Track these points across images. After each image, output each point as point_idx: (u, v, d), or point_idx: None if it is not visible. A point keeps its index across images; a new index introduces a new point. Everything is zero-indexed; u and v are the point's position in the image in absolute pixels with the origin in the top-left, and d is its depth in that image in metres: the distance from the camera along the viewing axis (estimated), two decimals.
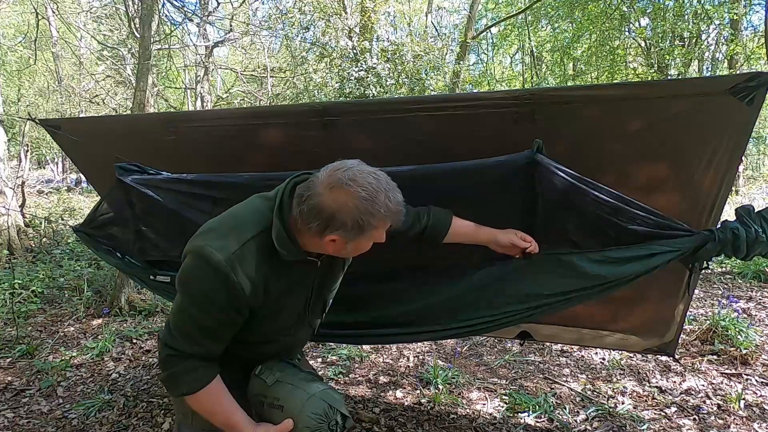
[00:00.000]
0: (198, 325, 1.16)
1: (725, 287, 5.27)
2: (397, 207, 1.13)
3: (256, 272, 1.14)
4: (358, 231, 1.11)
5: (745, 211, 1.43)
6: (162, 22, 6.89)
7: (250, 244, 1.15)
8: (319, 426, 1.18)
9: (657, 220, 1.45)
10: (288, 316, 1.29)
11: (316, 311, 1.37)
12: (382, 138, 1.91)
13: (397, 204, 1.13)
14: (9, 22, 15.82)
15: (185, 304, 1.16)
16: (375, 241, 1.18)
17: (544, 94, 1.69)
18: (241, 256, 1.13)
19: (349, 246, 1.16)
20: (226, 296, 1.13)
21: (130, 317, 4.54)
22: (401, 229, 1.39)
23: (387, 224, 1.15)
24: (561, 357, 3.62)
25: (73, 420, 2.79)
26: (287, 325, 1.30)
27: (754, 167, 23.11)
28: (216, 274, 1.11)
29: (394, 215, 1.13)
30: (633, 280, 1.50)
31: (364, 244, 1.18)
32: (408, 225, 1.47)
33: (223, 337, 1.20)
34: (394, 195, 1.13)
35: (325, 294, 1.38)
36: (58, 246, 7.16)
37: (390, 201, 1.11)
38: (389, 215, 1.12)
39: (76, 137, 2.45)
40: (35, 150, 19.53)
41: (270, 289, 1.19)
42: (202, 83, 12.97)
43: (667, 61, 12.31)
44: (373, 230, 1.13)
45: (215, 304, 1.13)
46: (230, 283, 1.11)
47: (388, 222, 1.14)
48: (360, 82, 8.54)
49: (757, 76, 1.33)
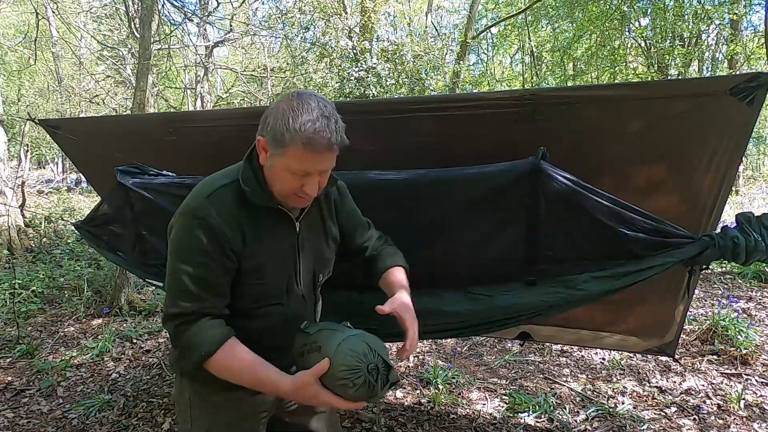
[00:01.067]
0: (192, 278, 1.14)
1: (725, 287, 5.27)
2: (316, 134, 1.07)
3: (229, 214, 1.17)
4: (275, 142, 1.11)
5: (746, 219, 1.43)
6: (162, 22, 6.89)
7: (222, 190, 1.18)
8: (357, 366, 1.07)
9: (657, 225, 1.46)
10: (274, 279, 1.25)
11: (308, 282, 1.34)
12: (382, 138, 1.91)
13: (318, 131, 1.07)
14: (9, 22, 15.82)
15: (175, 265, 1.16)
16: (292, 170, 1.12)
17: (544, 94, 1.68)
18: (214, 200, 1.16)
19: (270, 161, 1.15)
20: (209, 239, 1.14)
21: (130, 317, 4.54)
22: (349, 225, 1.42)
23: (301, 150, 1.09)
24: (561, 357, 3.62)
25: (73, 420, 2.79)
26: (276, 291, 1.25)
27: (754, 167, 23.12)
28: (194, 220, 1.14)
29: (307, 138, 1.07)
30: (632, 286, 1.51)
31: (282, 167, 1.13)
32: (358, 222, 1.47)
33: (222, 287, 1.18)
34: (323, 124, 1.08)
35: (313, 265, 1.34)
36: (58, 246, 7.16)
37: (313, 127, 1.07)
38: (302, 137, 1.07)
39: (75, 137, 2.44)
40: (35, 150, 19.54)
41: (246, 235, 1.18)
42: (202, 83, 12.97)
43: (667, 61, 12.31)
44: (287, 150, 1.09)
45: (201, 251, 1.14)
46: (209, 225, 1.14)
47: (300, 145, 1.08)
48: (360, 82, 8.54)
49: (758, 77, 1.33)
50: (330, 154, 1.14)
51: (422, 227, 1.73)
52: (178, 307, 1.15)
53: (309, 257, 1.32)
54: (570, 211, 1.53)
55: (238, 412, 1.32)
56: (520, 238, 1.66)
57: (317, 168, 1.14)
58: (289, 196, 1.19)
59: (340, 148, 1.15)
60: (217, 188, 1.19)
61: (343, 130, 1.14)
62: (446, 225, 1.73)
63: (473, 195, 1.65)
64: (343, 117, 1.17)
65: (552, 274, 1.62)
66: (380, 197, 1.70)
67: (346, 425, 2.67)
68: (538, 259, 1.65)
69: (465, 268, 1.75)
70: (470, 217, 1.67)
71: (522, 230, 1.65)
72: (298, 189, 1.16)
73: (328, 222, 1.39)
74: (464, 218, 1.69)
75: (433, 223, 1.73)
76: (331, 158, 1.16)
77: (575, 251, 1.60)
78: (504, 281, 1.67)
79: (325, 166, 1.16)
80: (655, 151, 1.63)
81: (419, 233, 1.73)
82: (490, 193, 1.63)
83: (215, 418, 1.31)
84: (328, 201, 1.40)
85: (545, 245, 1.63)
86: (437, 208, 1.70)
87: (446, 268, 1.77)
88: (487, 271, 1.71)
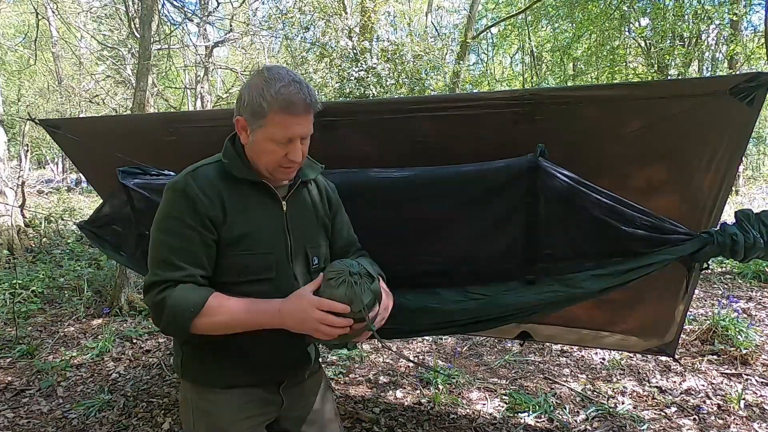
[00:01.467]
0: (171, 248, 1.17)
1: (725, 287, 5.27)
2: (291, 96, 1.14)
3: (209, 185, 1.20)
4: (253, 116, 1.18)
5: (745, 216, 1.43)
6: (162, 22, 6.89)
7: (205, 167, 1.25)
8: (340, 269, 1.16)
9: (656, 222, 1.46)
10: (262, 252, 1.24)
11: (301, 263, 1.32)
12: (381, 139, 1.91)
13: (293, 94, 1.15)
14: (9, 22, 15.83)
15: (155, 235, 1.20)
16: (275, 138, 1.17)
17: (544, 94, 1.68)
18: (195, 174, 1.21)
19: (252, 136, 1.21)
20: (186, 207, 1.17)
21: (130, 317, 4.54)
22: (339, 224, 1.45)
23: (280, 116, 1.15)
24: (561, 357, 3.62)
25: (73, 420, 2.79)
26: (264, 264, 1.24)
27: (754, 167, 23.12)
28: (175, 192, 1.19)
29: (284, 102, 1.14)
30: (630, 283, 1.51)
31: (265, 138, 1.18)
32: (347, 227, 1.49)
33: (200, 258, 1.18)
34: (297, 88, 1.15)
35: (305, 245, 1.33)
36: (58, 246, 7.17)
37: (287, 91, 1.14)
38: (279, 102, 1.14)
39: (75, 137, 2.45)
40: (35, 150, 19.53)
41: (227, 205, 1.21)
42: (202, 83, 12.98)
43: (667, 61, 12.32)
44: (267, 118, 1.16)
45: (179, 219, 1.17)
46: (188, 195, 1.17)
47: (278, 110, 1.15)
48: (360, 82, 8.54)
49: (758, 77, 1.33)
50: (307, 116, 1.20)
51: (421, 225, 1.73)
52: (157, 276, 1.17)
53: (300, 237, 1.32)
54: (569, 209, 1.52)
55: (240, 412, 1.31)
56: (519, 236, 1.65)
57: (298, 132, 1.19)
58: (276, 169, 1.23)
59: (315, 111, 1.21)
60: (199, 166, 1.26)
61: (316, 93, 1.21)
62: (445, 223, 1.72)
63: (472, 192, 1.64)
64: (344, 117, 1.18)
65: (551, 272, 1.62)
66: (379, 195, 1.71)
67: (346, 425, 2.67)
68: (537, 258, 1.65)
69: (464, 266, 1.74)
70: (469, 214, 1.67)
71: (521, 228, 1.64)
72: (284, 159, 1.21)
73: (320, 210, 1.41)
74: (463, 216, 1.68)
75: (431, 221, 1.72)
76: (308, 121, 1.21)
77: (575, 249, 1.59)
78: (503, 280, 1.67)
79: (305, 130, 1.21)
80: (655, 151, 1.63)
81: (418, 231, 1.73)
82: (488, 191, 1.63)
83: (217, 419, 1.31)
84: (320, 192, 1.43)
85: (544, 243, 1.62)
86: (436, 206, 1.69)
87: (445, 267, 1.76)
88: (486, 270, 1.70)
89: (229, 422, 1.30)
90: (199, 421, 1.32)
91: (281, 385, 1.36)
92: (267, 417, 1.37)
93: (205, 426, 1.32)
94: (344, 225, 1.49)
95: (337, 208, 1.47)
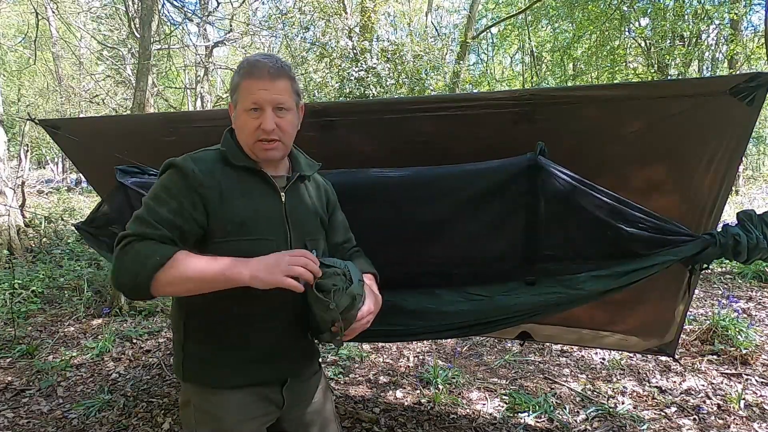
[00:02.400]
0: (152, 211, 1.16)
1: (725, 287, 5.27)
2: (255, 61, 1.22)
3: (208, 169, 1.22)
4: (231, 92, 1.27)
5: (747, 216, 1.42)
6: (162, 22, 6.89)
7: (205, 152, 1.28)
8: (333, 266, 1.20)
9: (658, 223, 1.45)
10: (262, 238, 1.24)
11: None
12: (381, 139, 1.91)
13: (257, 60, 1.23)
14: (9, 22, 15.82)
15: (143, 203, 1.20)
16: (246, 107, 1.22)
17: (544, 94, 1.69)
18: (195, 156, 1.25)
19: (234, 114, 1.28)
20: (179, 181, 1.19)
21: (130, 317, 4.54)
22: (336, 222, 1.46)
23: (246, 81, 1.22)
24: (561, 357, 3.62)
25: (73, 420, 2.79)
26: (264, 252, 1.20)
27: (754, 167, 23.12)
28: (171, 167, 1.22)
29: (248, 66, 1.22)
30: (631, 284, 1.50)
31: (240, 110, 1.24)
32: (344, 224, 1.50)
33: (179, 228, 1.17)
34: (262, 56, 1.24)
35: (304, 237, 1.33)
36: (58, 246, 7.16)
37: (253, 59, 1.23)
38: (244, 68, 1.23)
39: (75, 137, 2.45)
40: (35, 150, 19.53)
41: (224, 190, 1.22)
42: (202, 83, 12.97)
43: (667, 61, 12.31)
44: (237, 90, 1.24)
45: (168, 190, 1.19)
46: (183, 169, 1.19)
47: (244, 76, 1.22)
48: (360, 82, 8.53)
49: (758, 77, 1.33)
50: (273, 82, 1.21)
51: (420, 225, 1.72)
52: (130, 230, 1.14)
53: (299, 228, 1.32)
54: (570, 209, 1.52)
55: (245, 413, 1.31)
56: (519, 236, 1.65)
57: (264, 96, 1.20)
58: (255, 145, 1.25)
59: (284, 78, 1.23)
60: (200, 151, 1.29)
61: (289, 66, 1.27)
62: (444, 223, 1.72)
63: (471, 192, 1.64)
64: (344, 117, 1.18)
65: (551, 273, 1.61)
66: (379, 195, 1.71)
67: (346, 425, 2.67)
68: (537, 258, 1.64)
69: (463, 267, 1.74)
70: (468, 214, 1.66)
71: (521, 228, 1.64)
72: (258, 131, 1.22)
73: (318, 206, 1.41)
74: (462, 216, 1.68)
75: (431, 222, 1.72)
76: (276, 88, 1.22)
77: (575, 250, 1.58)
78: (503, 281, 1.67)
79: (273, 96, 1.21)
80: (656, 151, 1.62)
81: (417, 231, 1.73)
82: (488, 190, 1.62)
83: (221, 421, 1.29)
84: (318, 189, 1.44)
85: (545, 244, 1.62)
86: (435, 206, 1.69)
87: (444, 268, 1.76)
88: (486, 271, 1.70)
89: (235, 423, 1.29)
90: (202, 423, 1.31)
91: (284, 385, 1.36)
92: (270, 417, 1.36)
93: (209, 428, 1.30)
94: (341, 223, 1.49)
95: (334, 205, 1.48)
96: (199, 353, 1.30)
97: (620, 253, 1.49)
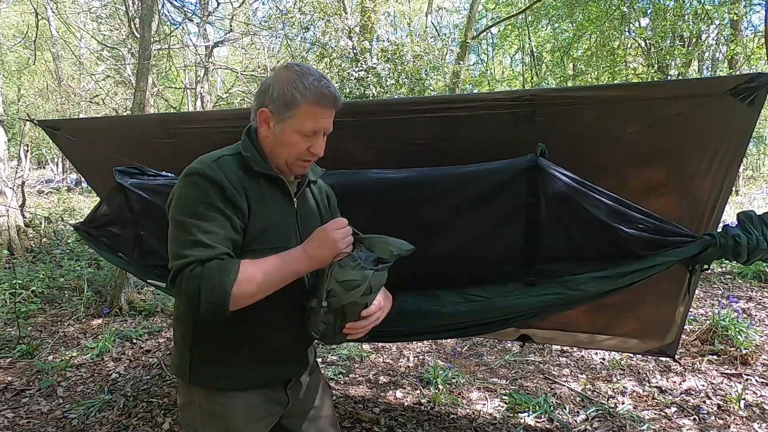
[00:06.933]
0: (202, 230, 1.12)
1: (725, 287, 5.27)
2: (323, 89, 1.20)
3: (235, 176, 1.20)
4: (284, 106, 1.19)
5: (747, 217, 1.42)
6: (162, 22, 6.89)
7: (227, 157, 1.23)
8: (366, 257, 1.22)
9: (658, 224, 1.45)
10: (279, 247, 1.23)
11: None
12: (381, 139, 1.90)
13: (324, 87, 1.20)
14: (9, 22, 15.82)
15: (182, 219, 1.14)
16: (302, 130, 1.20)
17: (544, 94, 1.68)
18: (221, 164, 1.20)
19: (277, 127, 1.22)
20: (217, 193, 1.15)
21: (130, 317, 4.54)
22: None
23: (311, 107, 1.19)
24: (561, 357, 3.62)
25: (73, 420, 2.79)
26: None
27: (754, 167, 23.12)
28: (203, 178, 1.15)
29: (317, 93, 1.19)
30: (632, 285, 1.50)
31: (292, 129, 1.21)
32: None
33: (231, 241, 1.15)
34: (326, 83, 1.21)
35: None
36: (58, 246, 7.16)
37: (319, 84, 1.19)
38: (312, 93, 1.19)
39: (74, 138, 2.44)
40: (35, 150, 19.54)
41: (250, 199, 1.20)
42: (202, 83, 12.95)
43: (667, 61, 12.31)
44: (297, 109, 1.19)
45: (209, 204, 1.14)
46: (219, 182, 1.15)
47: (311, 102, 1.19)
48: (360, 82, 8.52)
49: (758, 77, 1.33)
50: (332, 111, 1.25)
51: (420, 226, 1.72)
52: (189, 257, 1.09)
53: (306, 234, 1.31)
54: (570, 210, 1.51)
55: (252, 414, 1.31)
56: (519, 237, 1.64)
57: (324, 125, 1.23)
58: (295, 162, 1.25)
59: (337, 109, 1.26)
60: (221, 155, 1.23)
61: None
62: (444, 224, 1.72)
63: (471, 193, 1.64)
64: (343, 117, 1.19)
65: (551, 274, 1.61)
66: (379, 196, 1.71)
67: (347, 425, 2.67)
68: (537, 259, 1.64)
69: (463, 268, 1.74)
70: (468, 215, 1.66)
71: (521, 229, 1.63)
72: (305, 152, 1.23)
73: (322, 210, 1.43)
74: (462, 217, 1.68)
75: (431, 223, 1.72)
76: (332, 116, 1.26)
77: (575, 251, 1.58)
78: (503, 281, 1.66)
79: (329, 125, 1.26)
80: (656, 151, 1.62)
81: (417, 232, 1.72)
82: (488, 192, 1.62)
83: (229, 422, 1.29)
84: (321, 192, 1.46)
85: (545, 245, 1.61)
86: (435, 207, 1.69)
87: (444, 269, 1.76)
88: (486, 272, 1.70)
89: (243, 424, 1.29)
90: (208, 425, 1.30)
91: (288, 385, 1.37)
92: (274, 417, 1.37)
93: (216, 430, 1.30)
94: None
95: (335, 208, 1.50)
96: (209, 355, 1.29)
97: (620, 254, 1.49)
